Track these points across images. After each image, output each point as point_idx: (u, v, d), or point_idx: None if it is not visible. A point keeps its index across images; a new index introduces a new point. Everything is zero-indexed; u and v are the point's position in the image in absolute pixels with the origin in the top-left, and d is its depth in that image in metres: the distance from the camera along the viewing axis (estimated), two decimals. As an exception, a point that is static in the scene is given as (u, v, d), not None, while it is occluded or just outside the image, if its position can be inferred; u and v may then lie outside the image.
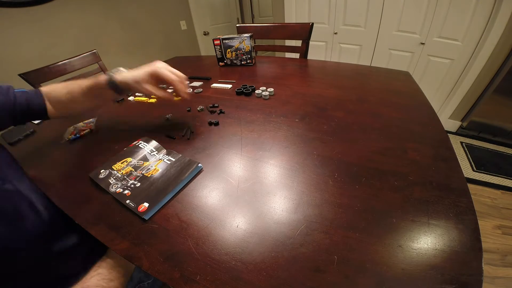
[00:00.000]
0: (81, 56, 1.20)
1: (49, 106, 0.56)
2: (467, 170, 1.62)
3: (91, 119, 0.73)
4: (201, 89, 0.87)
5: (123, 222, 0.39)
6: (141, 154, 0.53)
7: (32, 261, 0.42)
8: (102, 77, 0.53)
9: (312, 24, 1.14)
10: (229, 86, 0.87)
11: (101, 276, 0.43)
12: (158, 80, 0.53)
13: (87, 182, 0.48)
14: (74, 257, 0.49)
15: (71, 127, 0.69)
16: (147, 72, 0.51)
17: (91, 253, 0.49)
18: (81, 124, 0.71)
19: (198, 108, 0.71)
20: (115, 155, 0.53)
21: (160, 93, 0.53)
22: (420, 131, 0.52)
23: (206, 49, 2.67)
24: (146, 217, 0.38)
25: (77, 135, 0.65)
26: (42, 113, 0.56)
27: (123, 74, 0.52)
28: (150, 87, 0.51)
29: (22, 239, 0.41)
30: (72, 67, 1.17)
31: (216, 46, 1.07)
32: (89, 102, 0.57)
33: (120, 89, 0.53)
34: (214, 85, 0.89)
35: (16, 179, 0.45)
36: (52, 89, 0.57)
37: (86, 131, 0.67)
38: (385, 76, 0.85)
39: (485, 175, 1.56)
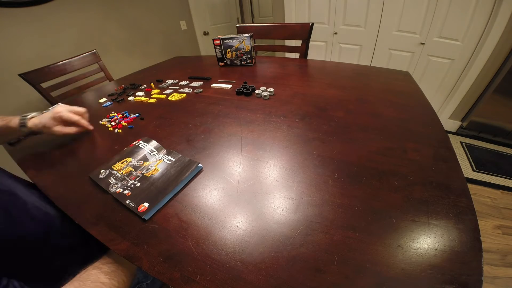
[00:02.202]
0: (81, 56, 1.20)
1: None
2: (467, 170, 1.62)
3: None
4: (201, 89, 0.87)
5: (123, 222, 0.39)
6: (141, 154, 0.53)
7: (32, 255, 0.42)
8: (14, 121, 0.58)
9: (312, 24, 1.14)
10: (229, 86, 0.87)
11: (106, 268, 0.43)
12: (63, 121, 0.60)
13: (87, 182, 0.48)
14: (73, 256, 0.49)
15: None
16: (50, 117, 0.58)
17: (90, 252, 0.49)
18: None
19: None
20: (115, 155, 0.53)
21: (68, 130, 0.61)
22: (420, 131, 0.52)
23: (206, 49, 2.67)
24: (146, 217, 0.39)
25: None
26: None
27: (34, 121, 0.58)
28: (59, 128, 0.59)
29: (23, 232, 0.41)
30: (72, 67, 1.17)
31: (216, 46, 1.07)
32: None
33: (33, 133, 0.60)
34: (214, 85, 0.89)
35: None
36: None
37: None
38: (385, 76, 0.85)
39: (485, 175, 1.56)
